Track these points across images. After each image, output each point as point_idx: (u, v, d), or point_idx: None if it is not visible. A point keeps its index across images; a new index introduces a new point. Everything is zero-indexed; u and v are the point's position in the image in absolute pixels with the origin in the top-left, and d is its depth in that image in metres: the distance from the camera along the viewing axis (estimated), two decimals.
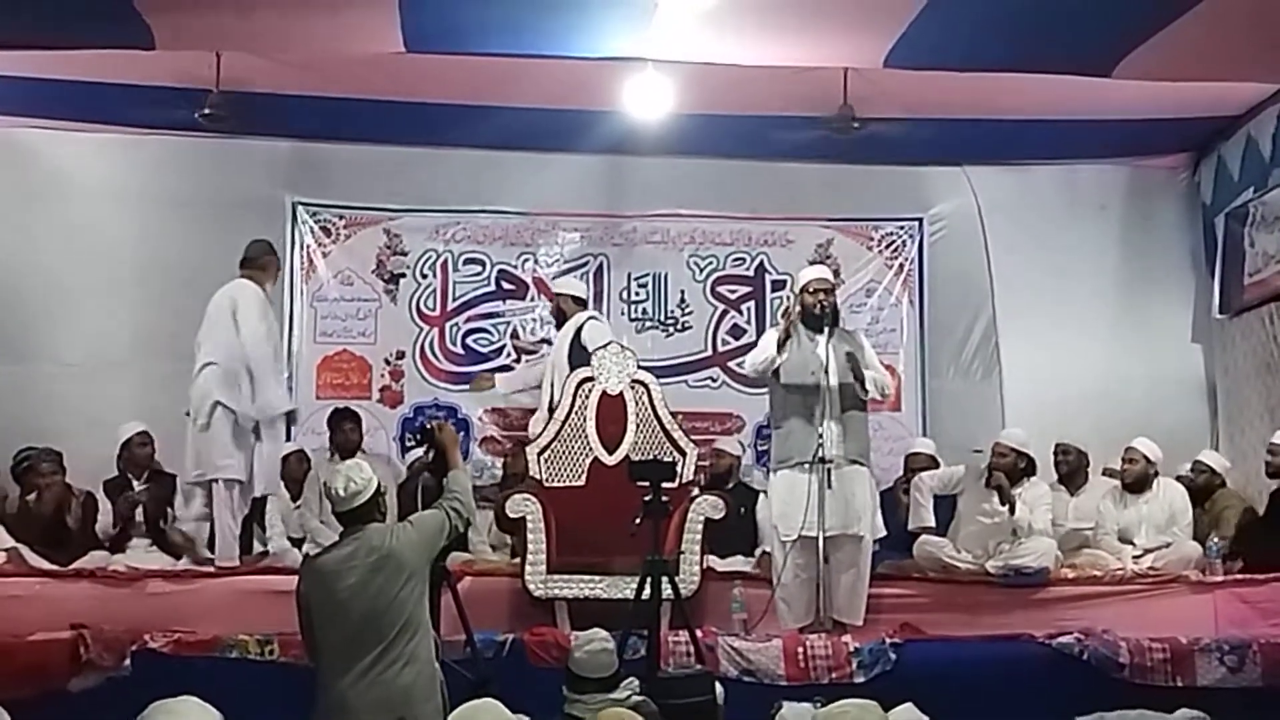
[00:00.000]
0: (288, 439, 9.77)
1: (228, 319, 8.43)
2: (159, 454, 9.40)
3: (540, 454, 8.50)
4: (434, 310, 10.67)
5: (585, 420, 8.53)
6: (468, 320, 10.71)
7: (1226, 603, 8.19)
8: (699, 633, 7.36)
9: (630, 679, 5.58)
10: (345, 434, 9.66)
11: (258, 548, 9.09)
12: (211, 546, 8.48)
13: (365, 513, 5.77)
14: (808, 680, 7.32)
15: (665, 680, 5.04)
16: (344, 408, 9.92)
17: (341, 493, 5.73)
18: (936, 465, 9.33)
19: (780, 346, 8.04)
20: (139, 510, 9.06)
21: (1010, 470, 8.63)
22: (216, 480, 8.36)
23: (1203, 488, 9.27)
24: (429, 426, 6.68)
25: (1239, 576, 8.33)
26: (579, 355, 8.76)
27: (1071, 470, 9.29)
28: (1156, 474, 9.06)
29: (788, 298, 9.09)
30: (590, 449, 8.50)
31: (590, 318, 9.21)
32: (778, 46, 7.71)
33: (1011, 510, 8.49)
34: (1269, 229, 9.55)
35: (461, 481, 6.16)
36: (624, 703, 5.25)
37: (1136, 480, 9.02)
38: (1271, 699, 7.24)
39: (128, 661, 7.24)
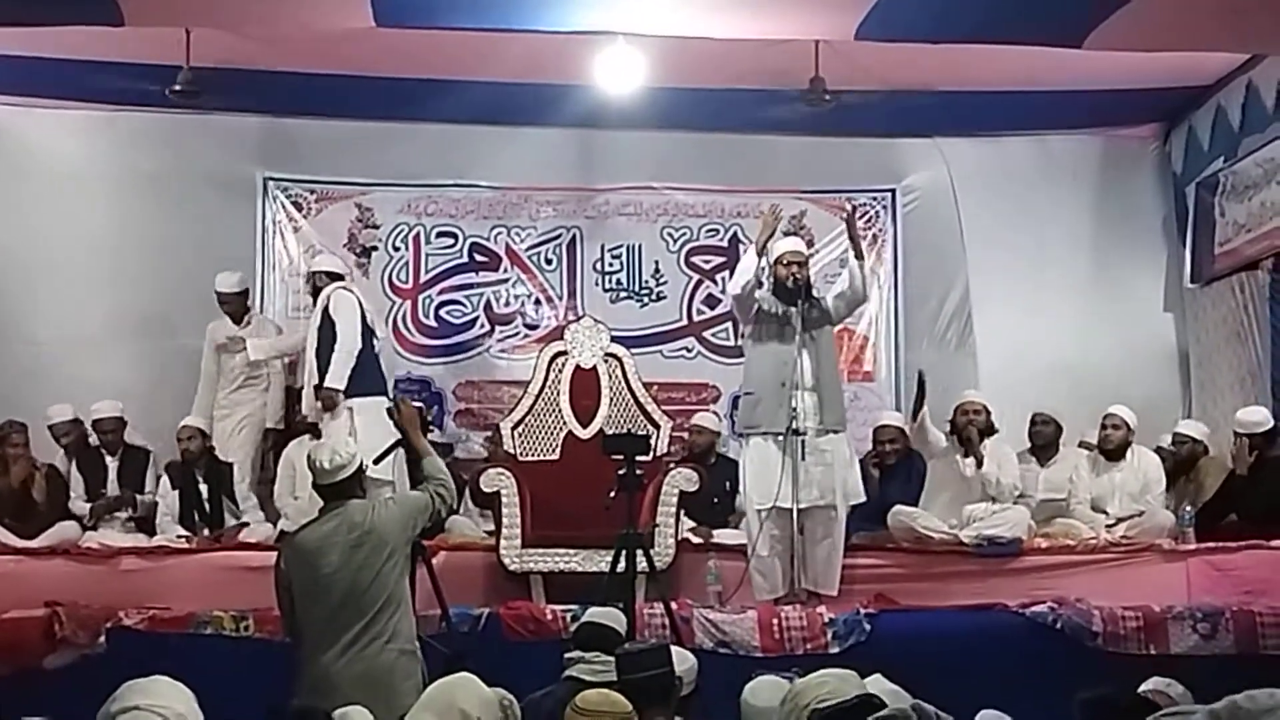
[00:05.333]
0: None
1: None
2: (131, 429, 9.43)
3: (514, 428, 8.52)
4: (406, 283, 10.61)
5: (559, 394, 8.55)
6: (441, 292, 10.63)
7: (1199, 571, 8.23)
8: (674, 605, 7.39)
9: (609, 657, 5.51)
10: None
11: (230, 521, 9.06)
12: None
13: (348, 488, 5.78)
14: (783, 651, 7.37)
15: (621, 656, 4.98)
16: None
17: (326, 465, 5.73)
18: (905, 437, 9.33)
19: (760, 252, 8.08)
20: (112, 484, 9.09)
21: (983, 427, 8.70)
22: None
23: (1186, 458, 9.28)
24: (389, 405, 6.68)
25: (1212, 544, 8.37)
26: (327, 325, 8.63)
27: (1046, 441, 9.26)
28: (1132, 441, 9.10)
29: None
30: (564, 423, 8.52)
31: (339, 288, 8.87)
32: (749, 19, 7.69)
33: (979, 463, 8.54)
34: (1239, 198, 9.58)
35: (439, 466, 6.14)
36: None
37: (1119, 446, 9.01)
38: (1244, 666, 7.24)
39: (102, 639, 7.28)
